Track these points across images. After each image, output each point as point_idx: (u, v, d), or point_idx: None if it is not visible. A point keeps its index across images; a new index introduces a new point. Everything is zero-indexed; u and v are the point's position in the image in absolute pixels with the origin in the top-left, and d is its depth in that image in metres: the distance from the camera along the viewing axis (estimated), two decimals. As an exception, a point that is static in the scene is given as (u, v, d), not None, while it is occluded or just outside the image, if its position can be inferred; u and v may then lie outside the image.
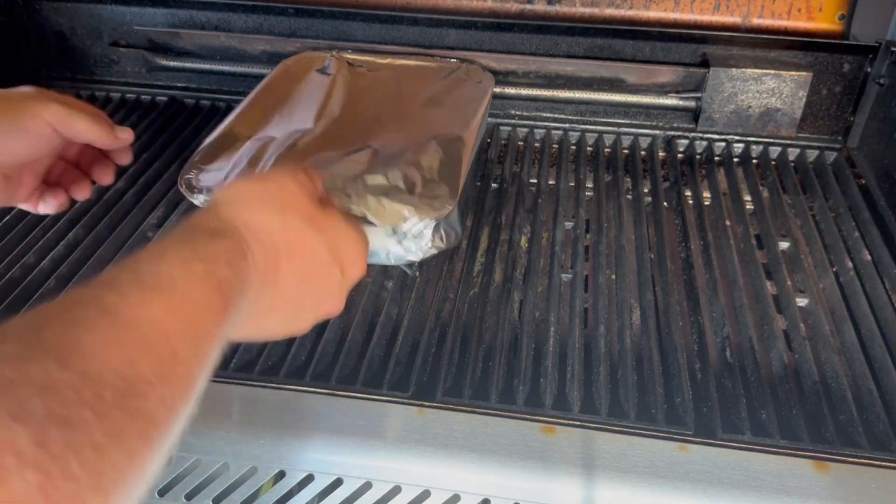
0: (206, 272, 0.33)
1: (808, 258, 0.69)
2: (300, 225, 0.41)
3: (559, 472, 0.49)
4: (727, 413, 0.54)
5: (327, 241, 0.43)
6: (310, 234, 0.41)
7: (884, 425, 0.53)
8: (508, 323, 0.62)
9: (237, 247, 0.37)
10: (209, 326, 0.32)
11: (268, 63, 0.87)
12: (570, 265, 0.69)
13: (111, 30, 0.95)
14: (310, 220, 0.42)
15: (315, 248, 0.42)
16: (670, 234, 0.73)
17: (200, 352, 0.31)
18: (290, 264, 0.40)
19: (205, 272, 0.33)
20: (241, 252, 0.37)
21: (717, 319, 0.63)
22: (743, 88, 0.83)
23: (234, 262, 0.35)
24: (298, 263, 0.41)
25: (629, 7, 0.90)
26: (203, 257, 0.34)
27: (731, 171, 0.81)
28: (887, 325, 0.61)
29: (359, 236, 0.46)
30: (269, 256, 0.39)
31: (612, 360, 0.59)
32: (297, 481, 0.51)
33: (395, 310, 0.64)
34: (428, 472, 0.50)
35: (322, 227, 0.42)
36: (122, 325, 0.28)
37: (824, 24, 0.88)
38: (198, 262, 0.33)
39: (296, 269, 0.41)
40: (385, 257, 0.60)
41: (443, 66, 0.85)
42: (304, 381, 0.55)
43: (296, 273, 0.41)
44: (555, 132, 0.89)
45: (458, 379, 0.56)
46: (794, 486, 0.48)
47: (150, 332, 0.29)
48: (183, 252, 0.33)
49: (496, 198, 0.77)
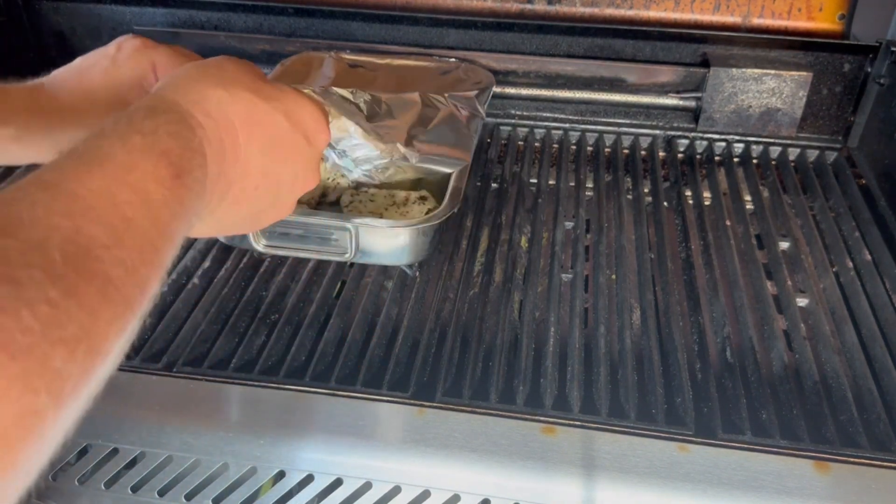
0: (147, 144, 0.32)
1: (809, 258, 0.69)
2: (248, 96, 0.40)
3: (559, 473, 0.49)
4: (727, 413, 0.54)
5: (283, 110, 0.42)
6: (262, 104, 0.41)
7: (884, 425, 0.53)
8: (508, 323, 0.62)
9: (181, 119, 0.36)
10: (163, 194, 0.32)
11: (268, 63, 0.87)
12: (570, 265, 0.69)
13: (111, 30, 0.95)
14: (257, 90, 0.41)
15: (271, 116, 0.41)
16: (670, 234, 0.73)
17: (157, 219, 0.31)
18: (250, 136, 0.40)
19: (145, 144, 0.32)
20: (187, 125, 0.36)
21: (717, 319, 0.63)
22: (743, 88, 0.83)
23: (178, 133, 0.35)
24: (258, 134, 0.41)
25: (629, 7, 0.90)
26: (141, 130, 0.33)
27: (732, 170, 0.81)
28: (888, 325, 0.61)
29: (314, 104, 0.45)
30: (223, 128, 0.38)
31: (613, 360, 0.59)
32: (297, 481, 0.51)
33: (395, 310, 0.64)
34: (428, 472, 0.50)
35: (273, 96, 0.42)
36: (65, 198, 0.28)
37: (824, 23, 0.88)
38: (136, 135, 0.33)
39: (257, 142, 0.40)
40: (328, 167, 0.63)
41: (442, 65, 0.85)
42: (304, 381, 0.55)
43: (258, 145, 0.41)
44: (555, 132, 0.89)
45: (457, 379, 0.56)
46: (794, 487, 0.47)
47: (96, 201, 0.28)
48: (119, 128, 0.33)
49: (496, 198, 0.77)
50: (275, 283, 0.66)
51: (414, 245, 0.62)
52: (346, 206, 0.65)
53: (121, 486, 0.53)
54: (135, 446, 0.52)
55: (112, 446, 0.52)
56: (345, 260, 0.63)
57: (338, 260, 0.64)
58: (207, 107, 0.38)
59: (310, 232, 0.62)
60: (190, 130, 0.36)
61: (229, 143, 0.39)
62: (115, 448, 0.53)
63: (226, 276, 0.67)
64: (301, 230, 0.62)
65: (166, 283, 0.66)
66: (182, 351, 0.58)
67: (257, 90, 0.41)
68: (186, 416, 0.53)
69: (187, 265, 0.68)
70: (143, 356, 0.58)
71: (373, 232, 0.60)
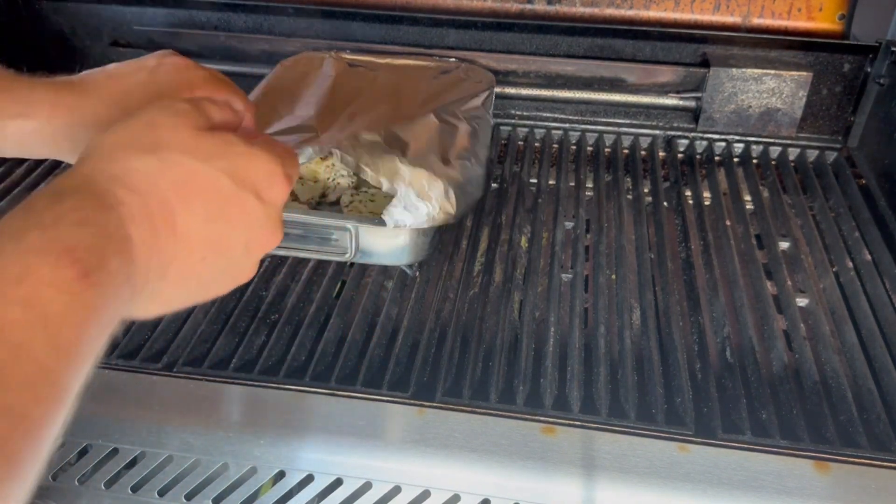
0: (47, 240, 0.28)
1: (809, 258, 0.69)
2: (182, 159, 0.35)
3: (559, 473, 0.49)
4: (727, 413, 0.54)
5: (227, 169, 0.37)
6: (199, 166, 0.36)
7: (884, 425, 0.53)
8: (508, 323, 0.62)
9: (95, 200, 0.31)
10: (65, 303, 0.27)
11: (268, 63, 0.87)
12: (570, 265, 0.69)
13: (111, 30, 0.95)
14: (193, 150, 0.36)
15: (213, 179, 0.36)
16: (670, 234, 0.73)
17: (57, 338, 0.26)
18: (188, 206, 0.35)
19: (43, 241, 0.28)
20: (104, 206, 0.31)
21: (717, 319, 0.63)
22: (743, 88, 0.83)
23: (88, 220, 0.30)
24: (199, 202, 0.36)
25: (629, 7, 0.90)
26: (40, 223, 0.29)
27: (732, 170, 0.81)
28: (888, 325, 0.61)
29: (267, 154, 0.39)
30: (154, 202, 0.34)
31: (613, 360, 0.59)
32: (297, 481, 0.51)
33: (395, 310, 0.64)
34: (428, 472, 0.50)
35: (215, 153, 0.37)
36: None
37: (824, 23, 0.88)
38: (33, 231, 0.28)
39: (198, 209, 0.36)
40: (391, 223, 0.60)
41: (442, 65, 0.85)
42: (304, 381, 0.55)
43: (200, 213, 0.36)
44: (555, 132, 0.89)
45: (457, 379, 0.56)
46: (794, 487, 0.47)
47: None
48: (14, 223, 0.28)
49: (496, 198, 0.77)
50: (275, 283, 0.66)
51: (414, 245, 0.62)
52: (346, 206, 0.65)
53: (121, 486, 0.53)
54: (135, 446, 0.52)
55: (112, 446, 0.53)
56: (345, 260, 0.63)
57: (338, 260, 0.64)
58: (133, 180, 0.33)
59: (310, 232, 0.62)
60: (106, 213, 0.31)
61: (162, 218, 0.34)
62: (115, 448, 0.53)
63: (226, 276, 0.67)
64: (301, 230, 0.62)
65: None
66: (182, 351, 0.58)
67: (195, 150, 0.36)
68: (186, 416, 0.53)
69: (187, 265, 0.68)
70: (143, 356, 0.58)
71: (373, 232, 0.60)
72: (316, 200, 0.66)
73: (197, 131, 0.37)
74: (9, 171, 0.81)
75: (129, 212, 0.32)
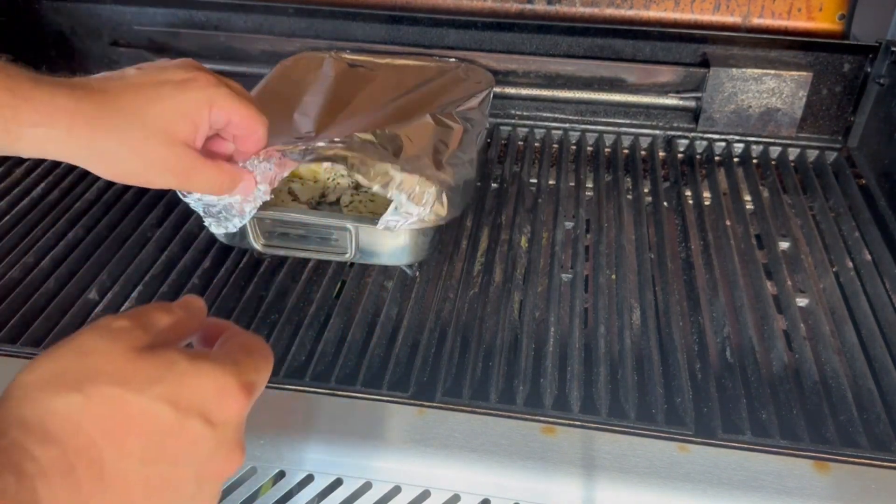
0: None
1: (809, 258, 0.69)
2: (112, 392, 0.31)
3: (559, 473, 0.49)
4: (727, 413, 0.54)
5: (164, 395, 0.32)
6: (133, 398, 0.31)
7: (884, 425, 0.53)
8: (508, 323, 0.62)
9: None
10: None
11: (268, 63, 0.87)
12: (570, 265, 0.69)
13: (111, 30, 0.95)
14: (126, 379, 0.31)
15: (149, 411, 0.31)
16: (670, 234, 0.73)
17: None
18: (119, 447, 0.30)
19: None
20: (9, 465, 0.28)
21: (717, 319, 0.63)
22: (743, 88, 0.83)
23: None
24: (132, 440, 0.31)
25: (629, 7, 0.90)
26: None
27: (732, 170, 0.81)
28: (888, 325, 0.61)
29: (218, 368, 0.34)
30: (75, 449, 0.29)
31: (613, 360, 0.59)
32: (297, 481, 0.51)
33: (395, 310, 0.64)
34: (428, 472, 0.50)
35: (149, 379, 0.32)
36: None
37: (824, 23, 0.88)
38: None
39: (132, 449, 0.31)
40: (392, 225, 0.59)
41: (442, 65, 0.85)
42: (304, 381, 0.55)
43: (135, 454, 0.31)
44: (555, 132, 0.89)
45: (457, 379, 0.56)
46: (794, 487, 0.47)
47: None
48: None
49: (496, 198, 0.77)
50: (275, 283, 0.66)
51: (414, 245, 0.62)
52: (346, 206, 0.65)
53: (121, 486, 0.52)
54: (135, 446, 0.52)
55: (112, 446, 0.52)
56: (345, 260, 0.63)
57: (338, 260, 0.64)
58: (50, 426, 0.29)
59: (310, 232, 0.62)
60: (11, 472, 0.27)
61: (85, 466, 0.30)
62: (115, 448, 0.52)
63: (225, 276, 0.67)
64: (301, 230, 0.62)
65: (167, 283, 0.66)
66: (182, 351, 0.58)
67: (129, 378, 0.31)
68: (186, 416, 0.53)
69: (187, 265, 0.68)
70: (143, 356, 0.58)
71: (373, 232, 0.60)
72: (316, 200, 0.66)
73: (135, 354, 0.32)
74: (8, 171, 0.81)
75: (40, 468, 0.28)
